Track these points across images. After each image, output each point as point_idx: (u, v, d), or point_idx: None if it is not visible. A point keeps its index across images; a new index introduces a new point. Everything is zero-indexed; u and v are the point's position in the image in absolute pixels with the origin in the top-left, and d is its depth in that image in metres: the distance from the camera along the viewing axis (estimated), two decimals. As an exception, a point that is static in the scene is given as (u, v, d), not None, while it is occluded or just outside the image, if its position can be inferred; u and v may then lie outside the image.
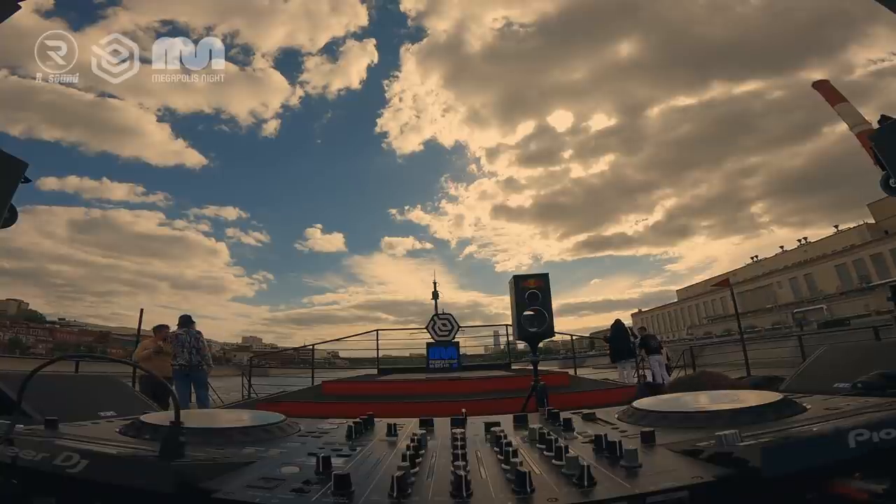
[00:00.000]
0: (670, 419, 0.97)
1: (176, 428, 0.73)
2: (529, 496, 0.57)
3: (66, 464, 0.66)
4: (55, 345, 61.32)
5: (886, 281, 31.84)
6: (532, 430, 0.92)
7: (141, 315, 10.16)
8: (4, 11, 1.60)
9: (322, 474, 0.66)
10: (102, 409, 1.55)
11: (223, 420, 1.18)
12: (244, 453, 0.81)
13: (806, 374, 1.73)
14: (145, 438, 0.92)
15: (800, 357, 8.55)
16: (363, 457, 0.81)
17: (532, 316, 3.27)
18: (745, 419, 0.88)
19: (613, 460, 0.70)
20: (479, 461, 0.76)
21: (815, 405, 0.98)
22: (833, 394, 1.24)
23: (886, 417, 0.66)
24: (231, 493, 0.60)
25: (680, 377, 2.35)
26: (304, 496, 0.59)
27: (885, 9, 1.42)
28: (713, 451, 0.67)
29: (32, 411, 1.22)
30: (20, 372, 1.48)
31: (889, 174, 1.52)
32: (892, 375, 1.23)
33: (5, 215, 1.53)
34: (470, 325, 23.83)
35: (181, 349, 7.07)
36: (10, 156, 1.53)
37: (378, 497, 0.59)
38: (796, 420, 0.88)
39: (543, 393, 3.17)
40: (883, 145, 1.52)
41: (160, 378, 1.15)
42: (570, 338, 13.21)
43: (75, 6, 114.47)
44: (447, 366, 10.22)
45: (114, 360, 2.46)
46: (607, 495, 0.56)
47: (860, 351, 1.82)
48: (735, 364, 11.08)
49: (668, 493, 0.56)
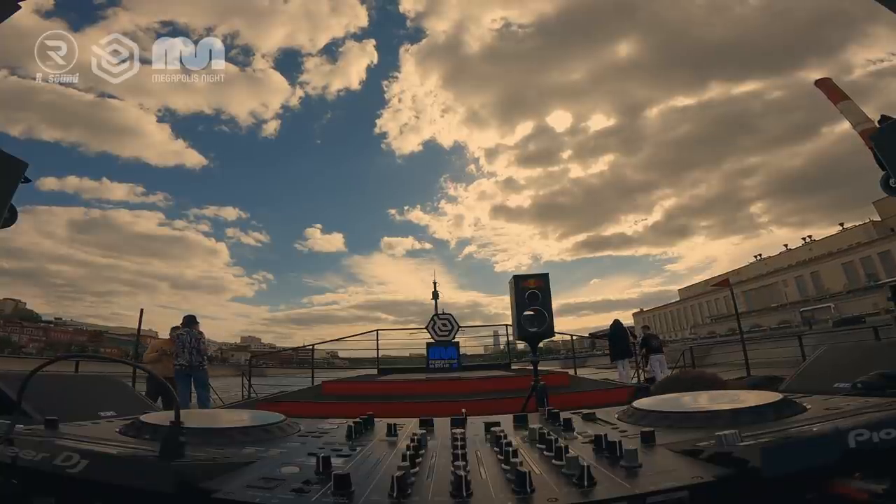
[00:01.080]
0: (670, 419, 0.97)
1: (176, 428, 0.73)
2: (529, 496, 0.57)
3: (66, 464, 0.66)
4: (47, 344, 61.27)
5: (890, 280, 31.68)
6: (532, 430, 0.92)
7: (141, 315, 10.19)
8: (4, 11, 1.60)
9: (322, 474, 0.66)
10: (102, 409, 1.55)
11: (223, 420, 1.18)
12: (244, 453, 0.81)
13: (806, 374, 1.73)
14: (145, 438, 0.92)
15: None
16: (363, 457, 0.80)
17: (532, 316, 3.27)
18: (745, 419, 0.88)
19: (613, 460, 0.69)
20: (479, 461, 0.76)
21: (815, 405, 0.98)
22: (833, 394, 1.24)
23: (886, 417, 0.66)
24: (231, 493, 0.60)
25: (671, 375, 2.35)
26: (304, 496, 0.59)
27: (884, 9, 1.42)
28: (713, 451, 0.66)
29: (32, 411, 1.23)
30: (20, 372, 1.48)
31: (889, 174, 1.52)
32: (892, 375, 1.23)
33: (5, 215, 1.53)
34: (470, 325, 23.88)
35: (182, 349, 7.11)
36: (10, 156, 1.53)
37: (378, 497, 0.59)
38: (796, 420, 0.88)
39: (543, 393, 3.17)
40: (883, 145, 1.52)
41: (160, 378, 1.15)
42: (570, 338, 13.21)
43: (75, 7, 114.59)
44: (447, 366, 10.22)
45: (114, 360, 2.46)
46: (607, 495, 0.56)
47: (860, 351, 1.82)
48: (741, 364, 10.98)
49: (668, 493, 0.56)
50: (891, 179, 1.51)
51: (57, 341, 63.42)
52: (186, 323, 7.44)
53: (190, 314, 7.63)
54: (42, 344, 61.26)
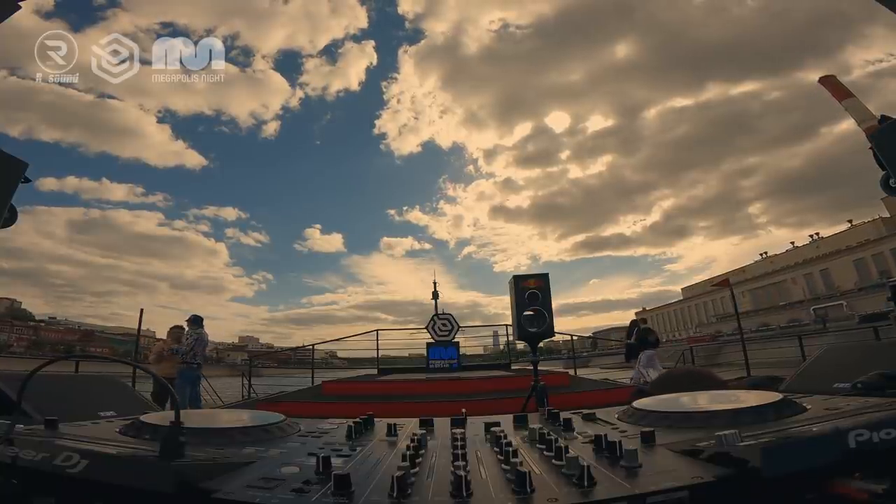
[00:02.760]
0: (670, 419, 0.97)
1: (176, 428, 0.73)
2: (529, 496, 0.57)
3: (66, 464, 0.66)
4: (32, 343, 61.18)
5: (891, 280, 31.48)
6: (532, 430, 0.92)
7: (141, 315, 10.20)
8: (4, 11, 1.60)
9: (322, 474, 0.66)
10: (102, 409, 1.55)
11: (223, 420, 1.18)
12: (244, 453, 0.81)
13: (806, 374, 1.73)
14: (145, 438, 0.92)
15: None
16: (363, 457, 0.80)
17: (532, 316, 3.27)
18: (745, 419, 0.88)
19: (613, 460, 0.69)
20: (479, 461, 0.76)
21: (815, 405, 0.98)
22: (833, 394, 1.24)
23: (886, 417, 0.66)
24: (231, 493, 0.60)
25: (666, 372, 2.34)
26: (304, 496, 0.59)
27: (882, 10, 1.42)
28: (713, 451, 0.66)
29: (32, 411, 1.22)
30: (20, 372, 1.48)
31: (889, 174, 1.52)
32: (892, 375, 1.23)
33: (5, 215, 1.53)
34: (470, 325, 23.86)
35: (202, 349, 7.32)
36: (10, 156, 1.53)
37: (378, 497, 0.59)
38: (796, 420, 0.88)
39: (543, 393, 3.17)
40: (883, 145, 1.52)
41: (161, 379, 1.15)
42: (571, 338, 13.19)
43: (75, 8, 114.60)
44: (447, 366, 10.21)
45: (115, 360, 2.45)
46: (607, 495, 0.56)
47: (860, 351, 1.82)
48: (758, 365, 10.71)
49: (668, 493, 0.56)
50: (891, 179, 1.52)
51: (45, 340, 63.51)
52: (198, 323, 7.58)
53: (198, 315, 7.77)
54: (27, 343, 61.24)
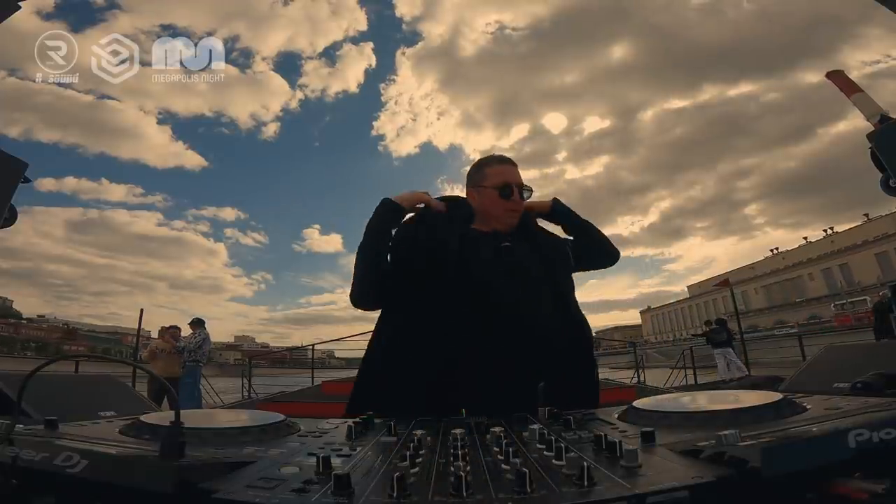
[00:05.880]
0: (670, 419, 0.97)
1: (176, 428, 0.73)
2: (529, 496, 0.57)
3: (66, 464, 0.66)
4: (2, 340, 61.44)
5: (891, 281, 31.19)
6: (532, 431, 0.92)
7: (141, 315, 10.21)
8: (4, 11, 1.60)
9: (322, 474, 0.66)
10: (102, 409, 1.55)
11: (223, 420, 1.18)
12: (244, 453, 0.81)
13: (806, 374, 1.73)
14: (145, 438, 0.91)
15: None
16: (363, 457, 0.80)
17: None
18: (745, 419, 0.87)
19: (613, 460, 0.69)
20: (479, 461, 0.76)
21: (815, 405, 0.98)
22: (833, 394, 1.24)
23: (886, 417, 0.66)
24: (231, 493, 0.60)
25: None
26: (304, 496, 0.58)
27: (880, 10, 1.43)
28: (713, 451, 0.66)
29: (32, 411, 1.22)
30: (20, 372, 1.48)
31: (889, 174, 1.52)
32: (892, 375, 1.23)
33: (5, 215, 1.53)
34: (469, 326, 23.66)
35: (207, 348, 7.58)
36: (10, 156, 1.53)
37: (378, 497, 0.59)
38: (796, 420, 0.88)
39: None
40: (883, 146, 1.52)
41: (161, 379, 1.16)
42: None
43: (75, 9, 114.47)
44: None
45: (115, 360, 2.44)
46: (607, 495, 0.56)
47: (860, 351, 1.82)
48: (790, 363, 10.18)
49: (668, 493, 0.55)
50: (891, 180, 1.52)
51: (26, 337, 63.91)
52: (201, 325, 7.92)
53: (200, 317, 8.07)
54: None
